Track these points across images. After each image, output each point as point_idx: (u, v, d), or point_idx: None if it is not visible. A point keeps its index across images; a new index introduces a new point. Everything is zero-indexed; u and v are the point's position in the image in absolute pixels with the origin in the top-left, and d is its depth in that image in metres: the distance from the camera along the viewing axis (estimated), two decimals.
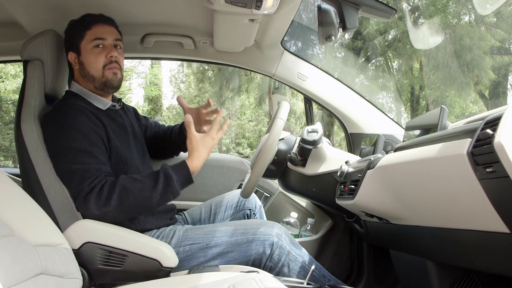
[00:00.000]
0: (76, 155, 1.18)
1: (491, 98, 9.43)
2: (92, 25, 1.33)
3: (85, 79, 1.35)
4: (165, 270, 1.20)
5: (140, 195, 1.17)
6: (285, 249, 1.30)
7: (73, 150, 1.19)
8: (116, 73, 1.34)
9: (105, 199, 1.15)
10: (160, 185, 1.18)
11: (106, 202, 1.15)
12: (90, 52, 1.32)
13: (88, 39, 1.32)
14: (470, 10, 9.26)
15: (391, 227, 1.19)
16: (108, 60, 1.32)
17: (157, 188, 1.18)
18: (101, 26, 1.33)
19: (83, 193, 1.15)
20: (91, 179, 1.17)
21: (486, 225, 0.78)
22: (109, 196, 1.15)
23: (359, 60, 10.43)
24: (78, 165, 1.17)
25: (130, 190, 1.16)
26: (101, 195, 1.15)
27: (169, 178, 1.19)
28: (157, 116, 17.21)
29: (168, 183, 1.19)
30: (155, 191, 1.18)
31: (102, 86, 1.34)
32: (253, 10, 1.20)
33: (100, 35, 1.32)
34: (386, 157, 1.08)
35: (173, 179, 1.19)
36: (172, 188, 1.19)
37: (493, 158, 0.66)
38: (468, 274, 1.09)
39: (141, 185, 1.18)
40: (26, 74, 1.30)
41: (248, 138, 17.63)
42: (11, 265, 0.84)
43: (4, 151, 13.26)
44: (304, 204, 1.90)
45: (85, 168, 1.18)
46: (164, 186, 1.19)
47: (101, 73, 1.32)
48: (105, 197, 1.15)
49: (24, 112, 1.25)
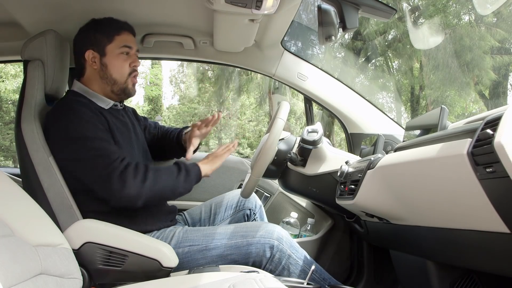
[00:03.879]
0: (93, 142, 1.19)
1: (491, 98, 9.44)
2: (122, 32, 1.35)
3: (103, 80, 1.35)
4: (165, 270, 1.20)
5: (170, 178, 1.24)
6: (285, 252, 1.30)
7: (89, 138, 1.19)
8: (135, 83, 1.40)
9: (142, 177, 1.18)
10: (183, 173, 1.26)
11: (143, 180, 1.18)
12: (117, 57, 1.34)
13: (118, 44, 1.34)
14: (470, 10, 9.26)
15: (391, 227, 1.19)
16: (132, 69, 1.37)
17: (180, 176, 1.26)
18: (129, 34, 1.37)
19: (118, 171, 1.16)
20: (120, 158, 1.19)
21: (486, 225, 0.78)
22: (145, 174, 1.19)
23: (359, 60, 10.43)
24: (100, 150, 1.19)
25: (162, 172, 1.23)
26: (138, 173, 1.18)
27: (188, 169, 1.28)
28: (157, 116, 17.21)
29: (188, 173, 1.28)
30: (179, 178, 1.25)
31: (120, 91, 1.37)
32: (253, 10, 1.20)
33: (129, 43, 1.36)
34: (386, 157, 1.08)
35: (191, 172, 1.29)
36: (190, 179, 1.28)
37: (493, 158, 0.66)
38: (468, 274, 1.09)
39: (168, 171, 1.26)
40: (26, 74, 1.30)
41: (248, 138, 17.63)
42: (11, 265, 0.84)
43: (4, 151, 13.27)
44: (304, 204, 1.90)
45: (109, 151, 1.20)
46: (185, 175, 1.27)
47: (124, 79, 1.36)
48: (142, 175, 1.18)
49: (25, 112, 1.25)
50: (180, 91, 19.76)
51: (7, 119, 12.98)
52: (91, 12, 1.37)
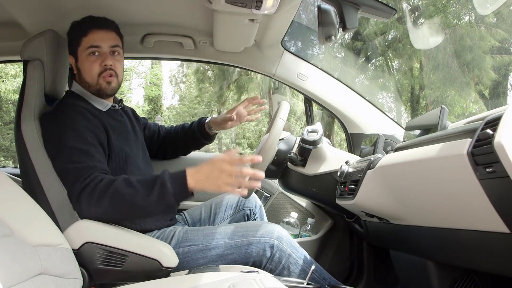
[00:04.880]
0: (71, 154, 1.18)
1: (491, 98, 9.44)
2: (89, 32, 1.30)
3: (82, 84, 1.35)
4: (165, 270, 1.20)
5: (132, 201, 1.10)
6: (285, 252, 1.30)
7: (69, 149, 1.18)
8: (110, 81, 1.33)
9: (96, 200, 1.12)
10: (154, 195, 1.09)
11: (97, 203, 1.12)
12: (85, 60, 1.31)
13: (84, 46, 1.31)
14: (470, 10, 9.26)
15: (391, 227, 1.19)
16: (103, 68, 1.31)
17: (150, 198, 1.09)
18: (97, 32, 1.31)
19: (76, 192, 1.14)
20: (84, 177, 1.14)
21: (486, 225, 0.78)
22: (100, 198, 1.11)
23: (359, 60, 10.43)
24: (72, 164, 1.17)
25: (122, 195, 1.10)
26: (93, 196, 1.12)
27: (165, 189, 1.09)
28: (157, 116, 17.21)
29: (163, 194, 1.09)
30: (149, 200, 1.09)
31: (96, 92, 1.35)
32: (253, 10, 1.20)
33: (95, 43, 1.30)
34: (386, 157, 1.08)
35: (169, 191, 1.09)
36: (167, 200, 1.09)
37: (493, 158, 0.66)
38: (468, 274, 1.09)
39: (134, 191, 1.10)
40: (26, 74, 1.30)
41: (248, 138, 17.63)
42: (11, 265, 0.84)
43: (4, 151, 13.27)
44: (304, 204, 1.90)
45: (79, 167, 1.16)
46: (157, 199, 1.09)
47: (95, 80, 1.32)
48: (96, 198, 1.12)
49: (24, 112, 1.25)
50: (180, 91, 19.78)
51: (7, 119, 12.98)
52: (90, 12, 1.37)
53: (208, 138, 1.65)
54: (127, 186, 1.12)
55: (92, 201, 1.12)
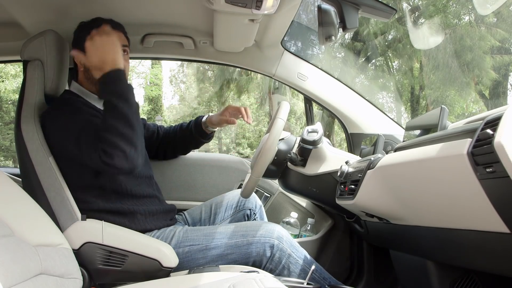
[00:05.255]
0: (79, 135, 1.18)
1: (491, 98, 9.44)
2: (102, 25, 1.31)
3: (89, 81, 1.35)
4: (165, 270, 1.20)
5: (119, 119, 1.15)
6: (285, 251, 1.30)
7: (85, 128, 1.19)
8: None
9: (110, 148, 1.12)
10: (119, 105, 1.15)
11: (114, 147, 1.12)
12: None
13: None
14: (470, 10, 9.26)
15: (391, 227, 1.19)
16: None
17: (121, 109, 1.15)
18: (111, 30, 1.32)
19: (100, 163, 1.14)
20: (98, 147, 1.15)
21: (486, 225, 0.77)
22: (111, 144, 1.12)
23: (359, 60, 10.43)
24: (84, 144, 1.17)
25: (110, 124, 1.14)
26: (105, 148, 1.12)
27: (110, 103, 1.16)
28: (157, 116, 17.22)
29: (122, 95, 1.17)
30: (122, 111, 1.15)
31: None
32: (253, 10, 1.20)
33: None
34: (386, 157, 1.08)
35: (113, 101, 1.16)
36: (127, 94, 1.18)
37: (493, 158, 0.66)
38: (468, 274, 1.09)
39: (109, 115, 1.15)
40: (26, 74, 1.30)
41: (248, 138, 17.63)
42: (11, 265, 0.84)
43: (4, 151, 13.27)
44: (304, 204, 1.90)
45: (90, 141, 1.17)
46: (123, 104, 1.16)
47: None
48: (109, 146, 1.12)
49: (24, 112, 1.25)
50: (180, 91, 19.78)
51: (7, 119, 12.98)
52: (90, 12, 1.37)
53: (206, 137, 1.65)
54: (103, 123, 1.15)
55: (113, 152, 1.12)
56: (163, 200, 1.46)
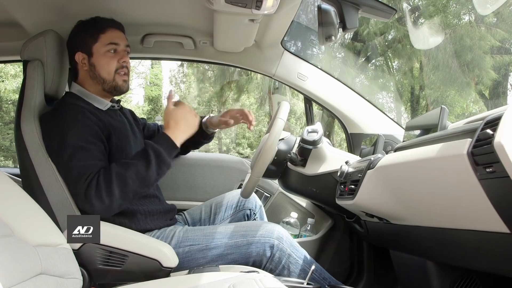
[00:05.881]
0: (72, 153, 1.18)
1: (491, 98, 9.44)
2: (106, 29, 1.34)
3: (94, 80, 1.35)
4: (165, 270, 1.20)
5: (138, 177, 1.17)
6: (285, 251, 1.30)
7: (70, 147, 1.19)
8: (126, 80, 1.38)
9: (105, 192, 1.15)
10: (153, 161, 1.19)
11: (108, 193, 1.15)
12: (103, 55, 1.33)
13: (103, 42, 1.33)
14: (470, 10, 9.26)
15: (391, 227, 1.19)
16: (120, 65, 1.35)
17: (151, 165, 1.18)
18: (114, 31, 1.36)
19: (82, 191, 1.15)
20: (86, 175, 1.16)
21: (486, 225, 0.77)
22: (108, 188, 1.15)
23: (359, 60, 10.43)
24: (74, 162, 1.18)
25: (127, 176, 1.17)
26: (100, 189, 1.15)
27: (158, 152, 1.20)
28: (157, 116, 17.21)
29: (159, 157, 1.20)
30: (151, 169, 1.18)
31: (111, 89, 1.36)
32: (253, 10, 1.20)
33: (114, 40, 1.34)
34: (386, 157, 1.08)
35: (162, 152, 1.20)
36: (164, 160, 1.21)
37: (493, 158, 0.66)
38: (468, 274, 1.09)
39: (135, 168, 1.18)
40: (26, 74, 1.30)
41: (248, 138, 17.63)
42: (11, 265, 0.84)
43: (4, 151, 13.26)
44: (304, 204, 1.90)
45: (81, 165, 1.18)
46: (157, 162, 1.19)
47: (112, 77, 1.35)
48: (105, 189, 1.15)
49: (24, 112, 1.25)
50: (180, 91, 19.77)
51: (7, 119, 12.97)
52: (90, 12, 1.37)
53: (206, 137, 1.65)
54: (125, 165, 1.19)
55: (102, 194, 1.15)
56: (163, 200, 1.46)
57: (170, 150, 1.23)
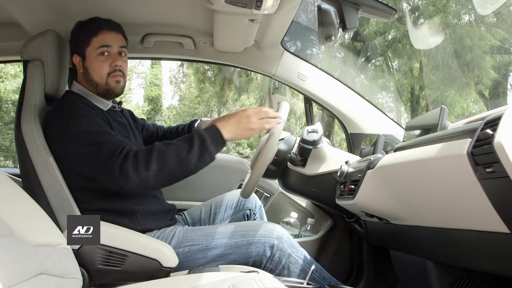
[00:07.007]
0: (94, 136, 1.18)
1: (491, 98, 9.44)
2: (99, 32, 1.32)
3: (88, 83, 1.35)
4: (165, 270, 1.20)
5: (178, 157, 1.14)
6: (285, 251, 1.30)
7: (90, 132, 1.18)
8: (119, 81, 1.36)
9: (144, 164, 1.12)
10: (196, 147, 1.16)
11: (146, 167, 1.12)
12: (95, 59, 1.32)
13: (94, 46, 1.32)
14: (470, 10, 9.26)
15: (391, 227, 1.19)
16: (113, 69, 1.33)
17: (193, 150, 1.15)
18: (107, 33, 1.33)
19: (117, 166, 1.12)
20: (120, 149, 1.15)
21: (486, 225, 0.78)
22: (147, 160, 1.12)
23: (359, 60, 10.43)
24: (100, 144, 1.16)
25: (167, 153, 1.14)
26: (138, 161, 1.12)
27: (203, 139, 1.17)
28: (157, 116, 17.21)
29: (203, 144, 1.17)
30: (192, 153, 1.15)
31: (105, 92, 1.36)
32: (253, 10, 1.20)
33: (106, 43, 1.32)
34: (386, 157, 1.08)
35: (207, 140, 1.17)
36: (207, 148, 1.17)
37: (493, 158, 0.66)
38: (468, 274, 1.09)
39: (177, 148, 1.16)
40: (26, 74, 1.30)
41: (248, 138, 17.62)
42: (11, 265, 0.84)
43: (4, 151, 13.26)
44: (304, 204, 1.90)
45: (109, 142, 1.16)
46: (200, 148, 1.16)
47: (104, 80, 1.34)
48: (144, 162, 1.12)
49: (24, 112, 1.25)
50: (180, 91, 19.77)
51: (7, 119, 12.97)
52: (90, 12, 1.37)
53: None
54: (167, 144, 1.17)
55: (140, 166, 1.12)
56: (163, 200, 1.46)
57: (217, 141, 1.19)
